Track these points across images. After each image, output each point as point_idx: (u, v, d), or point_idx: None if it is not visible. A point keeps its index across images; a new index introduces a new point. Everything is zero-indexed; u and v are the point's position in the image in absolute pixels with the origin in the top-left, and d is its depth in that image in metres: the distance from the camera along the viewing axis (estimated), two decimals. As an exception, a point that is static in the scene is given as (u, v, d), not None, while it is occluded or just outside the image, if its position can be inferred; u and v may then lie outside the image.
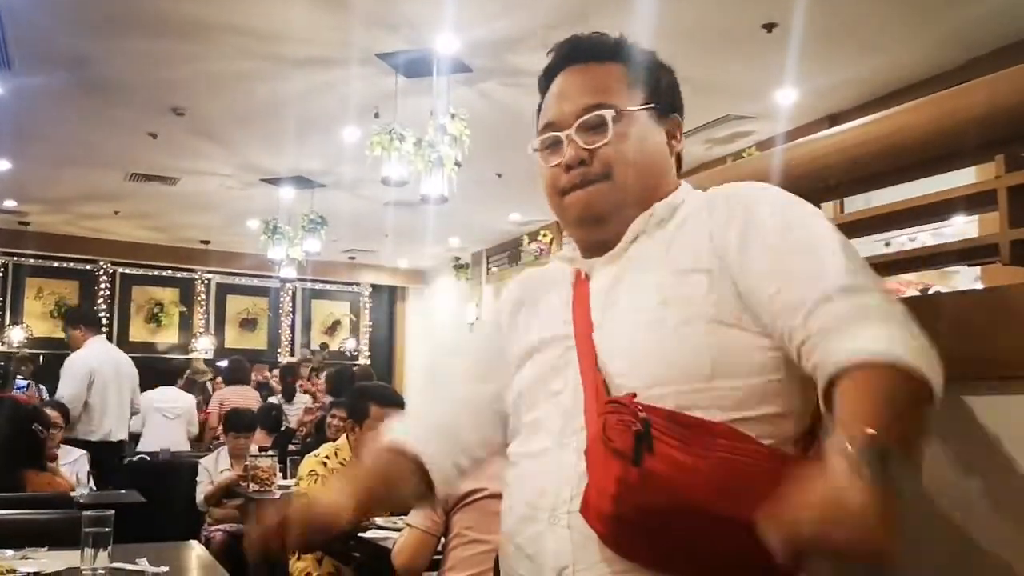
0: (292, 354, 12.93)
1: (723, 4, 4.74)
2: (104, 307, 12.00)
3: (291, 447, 6.08)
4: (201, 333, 12.59)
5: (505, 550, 1.09)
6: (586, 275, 1.13)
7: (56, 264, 11.80)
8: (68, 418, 4.85)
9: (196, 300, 12.70)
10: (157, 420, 6.55)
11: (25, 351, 10.60)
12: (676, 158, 1.18)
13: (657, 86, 1.16)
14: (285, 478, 4.66)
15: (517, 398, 1.16)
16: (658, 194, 1.12)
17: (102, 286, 12.05)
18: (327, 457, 3.16)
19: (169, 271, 12.50)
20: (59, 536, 2.39)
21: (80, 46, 5.41)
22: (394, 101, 5.76)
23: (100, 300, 11.98)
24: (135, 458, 5.79)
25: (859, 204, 3.83)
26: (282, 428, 6.67)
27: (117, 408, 5.33)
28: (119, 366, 5.46)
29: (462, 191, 5.94)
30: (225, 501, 4.80)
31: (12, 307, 11.45)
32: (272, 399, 7.90)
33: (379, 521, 3.04)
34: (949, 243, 1.45)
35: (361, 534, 2.94)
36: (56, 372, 5.52)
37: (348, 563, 3.12)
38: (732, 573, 0.91)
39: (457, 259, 12.46)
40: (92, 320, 5.54)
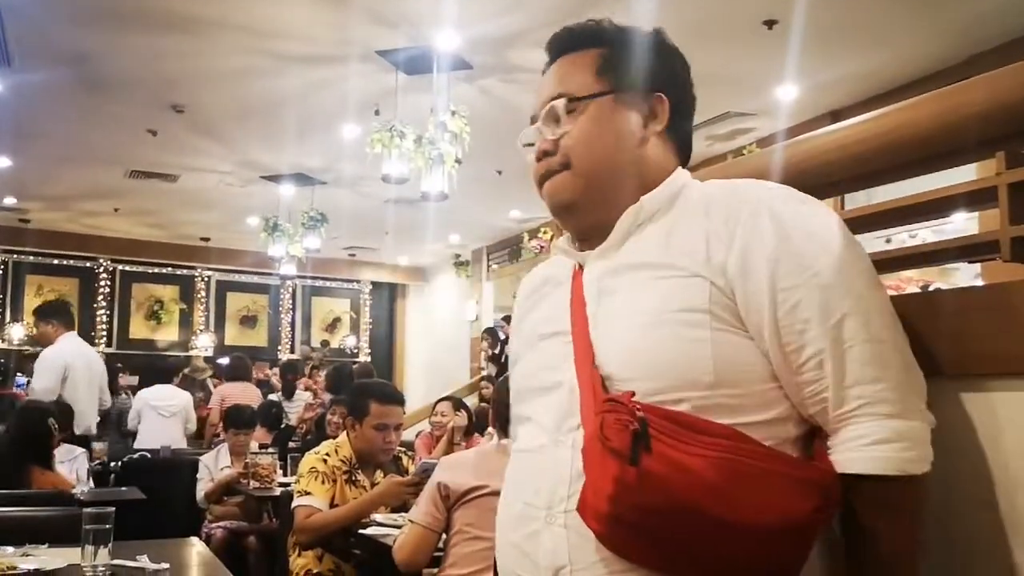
0: (292, 351, 12.93)
1: (724, 0, 4.73)
2: (104, 304, 12.02)
3: (291, 444, 6.08)
4: (201, 330, 12.59)
5: (501, 547, 1.08)
6: (581, 268, 1.11)
7: (56, 261, 11.80)
8: (71, 418, 4.84)
9: (196, 297, 12.71)
10: (152, 418, 6.52)
11: (27, 348, 10.60)
12: (677, 140, 1.12)
13: (630, 68, 1.10)
14: (285, 475, 4.67)
15: (515, 394, 1.15)
16: (639, 180, 1.08)
17: (102, 283, 12.06)
18: (327, 454, 3.16)
19: (169, 268, 12.50)
20: (60, 533, 2.38)
21: (80, 43, 5.41)
22: (394, 98, 5.76)
23: (100, 297, 12.00)
24: (135, 455, 5.79)
25: (860, 201, 3.83)
26: (282, 425, 6.67)
27: (88, 404, 5.32)
28: (91, 363, 5.43)
29: (462, 188, 5.94)
30: (226, 498, 4.80)
31: (12, 304, 11.46)
32: (272, 396, 7.91)
33: (379, 518, 3.05)
34: (949, 240, 1.45)
35: (361, 531, 2.94)
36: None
37: (348, 560, 3.12)
38: (727, 574, 0.91)
39: (457, 256, 12.45)
40: (64, 316, 5.47)
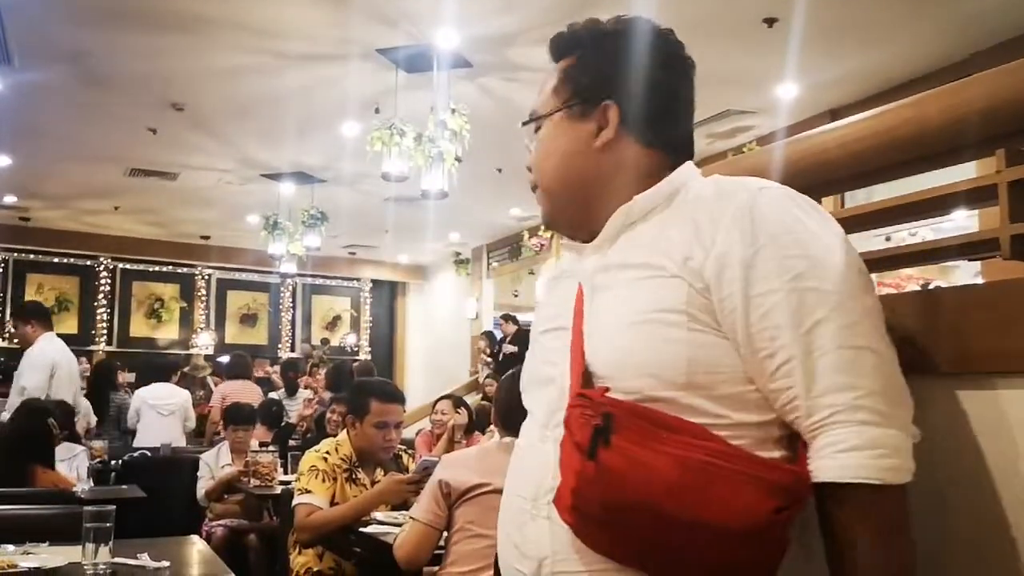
0: (292, 349, 12.94)
1: (724, -2, 4.73)
2: (104, 302, 12.02)
3: (291, 442, 6.08)
4: (201, 328, 12.60)
5: (500, 541, 1.10)
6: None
7: (56, 260, 11.81)
8: (72, 417, 4.84)
9: (196, 295, 12.72)
10: (151, 417, 6.50)
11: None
12: (657, 140, 1.07)
13: (581, 80, 1.08)
14: (286, 473, 4.67)
15: (522, 388, 1.16)
16: (611, 187, 1.06)
17: (102, 282, 12.06)
18: (328, 452, 3.16)
19: (169, 266, 12.51)
20: (60, 531, 2.39)
21: (80, 42, 5.41)
22: (394, 96, 5.76)
23: (100, 295, 12.01)
24: (135, 454, 5.79)
25: (860, 199, 3.84)
26: (282, 423, 6.67)
27: (70, 404, 5.32)
28: (71, 363, 5.41)
29: (462, 186, 5.94)
30: (226, 496, 4.80)
31: (13, 303, 11.46)
32: (273, 394, 7.91)
33: (379, 516, 3.04)
34: (949, 238, 1.45)
35: (362, 529, 2.94)
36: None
37: (349, 558, 3.12)
38: (695, 572, 0.90)
39: (457, 254, 12.45)
40: (43, 316, 5.44)
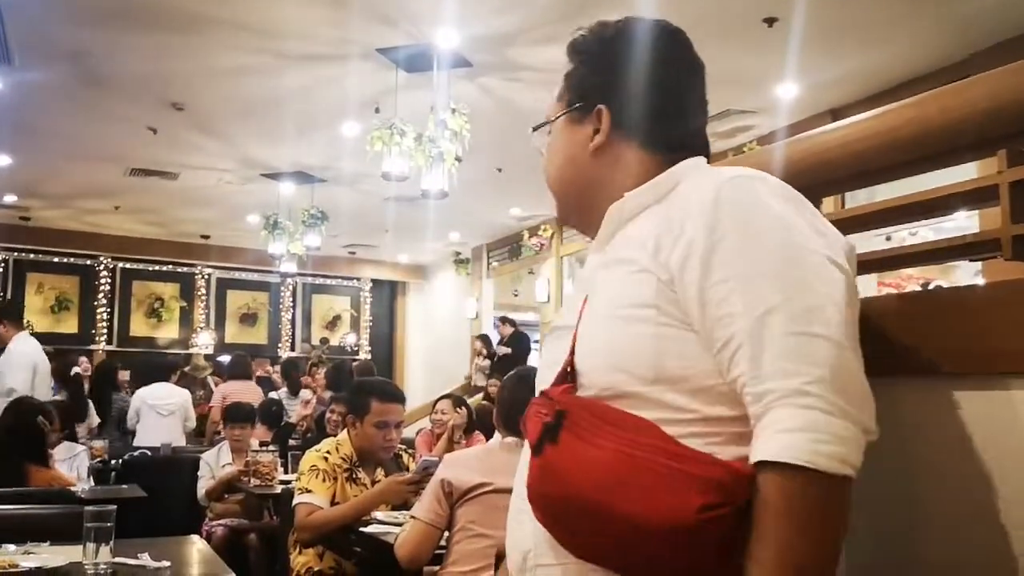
0: (292, 349, 12.94)
1: (724, -2, 4.73)
2: (104, 302, 12.02)
3: (291, 442, 6.08)
4: (201, 328, 12.60)
5: (507, 531, 1.12)
6: None
7: (57, 259, 11.81)
8: (73, 418, 4.84)
9: (196, 295, 12.71)
10: (151, 417, 6.49)
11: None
12: (655, 141, 1.07)
13: (578, 85, 1.10)
14: (286, 473, 4.67)
15: (537, 388, 1.16)
16: (608, 187, 1.07)
17: (102, 281, 12.06)
18: (328, 452, 3.16)
19: (169, 266, 12.51)
20: (61, 531, 2.39)
21: (80, 41, 5.41)
22: (394, 96, 5.76)
23: (100, 295, 12.00)
24: (136, 454, 5.79)
25: (861, 199, 3.84)
26: (282, 423, 6.67)
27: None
28: (46, 362, 5.42)
29: (462, 186, 5.95)
30: (226, 496, 4.80)
31: (13, 302, 11.45)
32: (274, 394, 7.92)
33: (380, 516, 3.04)
34: (950, 238, 1.44)
35: (362, 528, 2.94)
36: (57, 368, 5.49)
37: (349, 558, 3.12)
38: (645, 570, 0.89)
39: (457, 254, 12.45)
40: (14, 316, 5.41)
